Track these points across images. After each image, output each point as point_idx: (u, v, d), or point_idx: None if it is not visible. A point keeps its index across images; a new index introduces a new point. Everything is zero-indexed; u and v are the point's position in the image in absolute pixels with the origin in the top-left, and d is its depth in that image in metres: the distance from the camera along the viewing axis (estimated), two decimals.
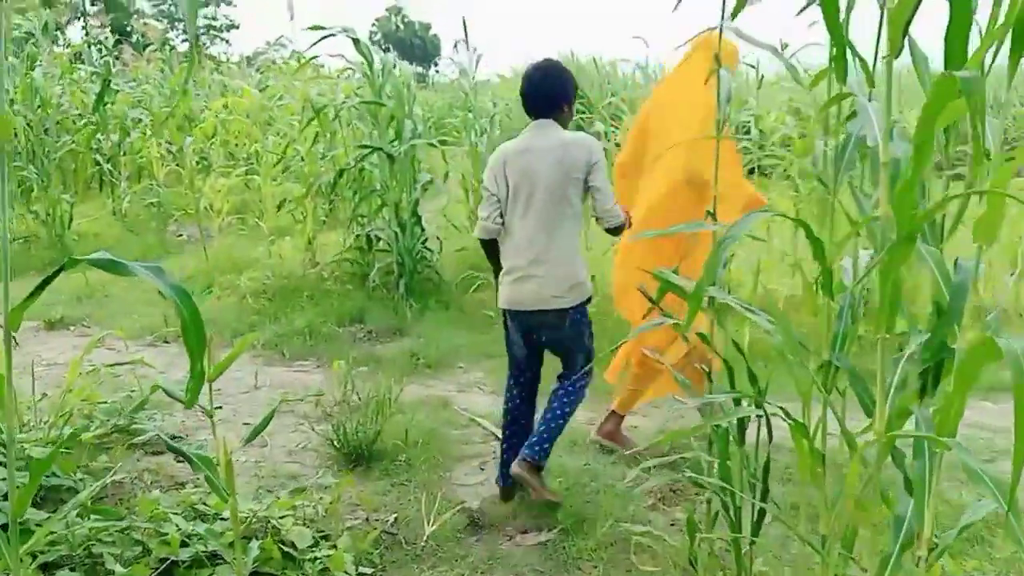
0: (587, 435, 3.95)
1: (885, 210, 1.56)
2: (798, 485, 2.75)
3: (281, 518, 2.73)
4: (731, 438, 2.20)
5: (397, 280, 6.17)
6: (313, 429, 3.86)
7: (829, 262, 1.87)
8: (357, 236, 6.56)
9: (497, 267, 3.24)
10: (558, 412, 3.20)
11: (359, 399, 4.26)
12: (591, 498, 3.31)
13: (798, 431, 1.93)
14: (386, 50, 6.87)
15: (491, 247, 3.24)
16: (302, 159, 7.22)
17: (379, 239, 6.45)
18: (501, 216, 3.14)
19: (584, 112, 15.02)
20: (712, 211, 2.43)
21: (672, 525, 3.14)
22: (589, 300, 3.20)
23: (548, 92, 3.15)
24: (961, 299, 1.38)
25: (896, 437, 1.55)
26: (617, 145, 6.79)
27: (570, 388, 3.24)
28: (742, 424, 2.15)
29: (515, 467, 3.13)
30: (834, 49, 1.80)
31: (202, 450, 2.16)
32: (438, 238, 6.79)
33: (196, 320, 1.81)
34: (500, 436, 3.44)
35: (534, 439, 3.17)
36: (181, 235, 8.71)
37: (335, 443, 3.62)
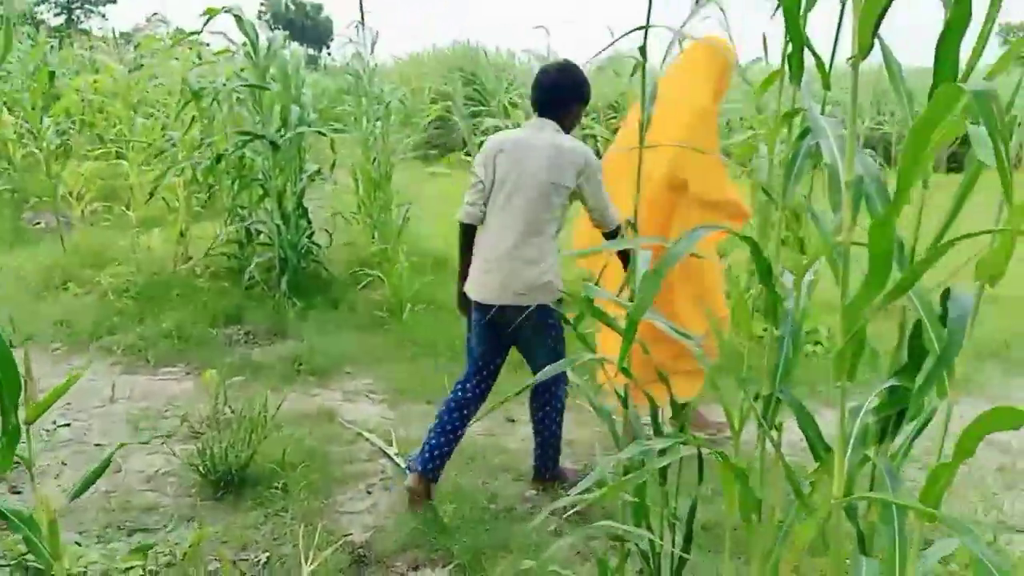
0: (484, 449, 3.66)
1: (848, 237, 1.32)
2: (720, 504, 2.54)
3: (127, 571, 2.32)
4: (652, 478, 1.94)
5: (279, 276, 5.70)
6: (174, 453, 3.40)
7: (776, 284, 1.64)
8: (236, 228, 6.04)
9: (466, 257, 3.17)
10: (545, 424, 3.27)
11: (232, 412, 3.83)
12: (490, 525, 3.01)
13: (730, 472, 1.69)
14: (274, 30, 6.33)
15: (468, 234, 3.16)
16: (174, 145, 6.62)
17: (260, 232, 5.96)
18: (485, 204, 3.10)
19: (481, 102, 14.72)
20: (633, 218, 2.16)
21: (578, 554, 2.88)
22: (559, 303, 3.08)
23: (556, 92, 3.13)
24: (956, 344, 1.15)
25: (858, 499, 1.31)
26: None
27: (546, 398, 3.24)
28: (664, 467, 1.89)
29: (533, 485, 3.34)
30: (790, 46, 1.57)
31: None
32: (326, 231, 6.35)
33: (8, 365, 1.46)
34: (439, 429, 3.17)
35: (538, 456, 3.32)
36: (39, 223, 7.91)
37: (200, 468, 3.20)
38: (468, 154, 5.68)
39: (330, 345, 4.92)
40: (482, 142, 5.98)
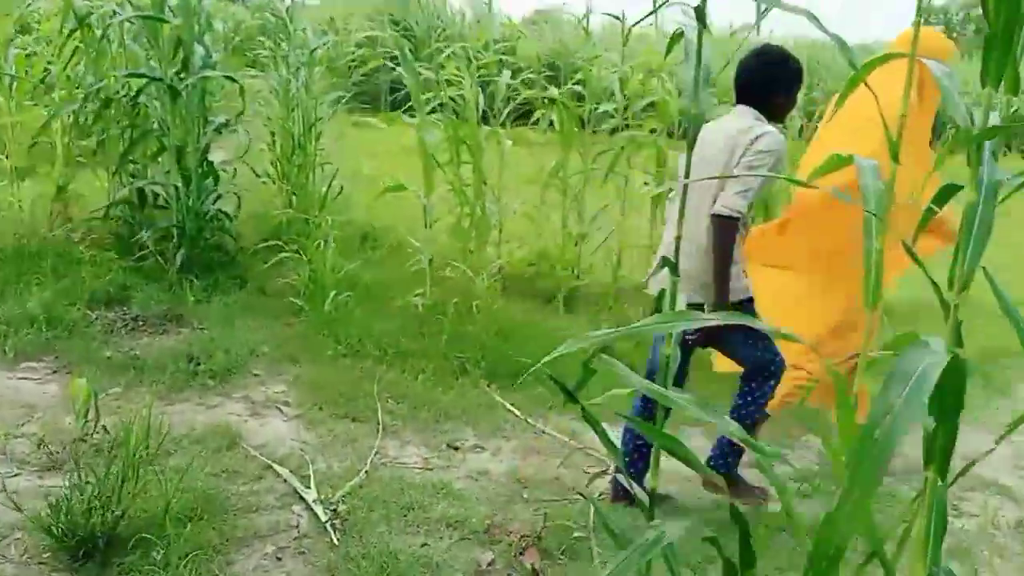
0: (421, 492, 2.99)
1: None
2: None
3: None
4: None
5: (176, 248, 4.84)
6: (19, 509, 2.60)
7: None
8: (127, 188, 5.12)
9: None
10: (742, 405, 2.97)
11: (106, 433, 3.07)
12: None
13: None
14: None
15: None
16: (50, 85, 5.61)
17: (156, 195, 5.07)
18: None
19: (411, 51, 13.69)
20: None
21: None
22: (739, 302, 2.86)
23: (751, 81, 2.95)
24: None
25: None
26: None
27: (757, 381, 2.95)
28: None
29: (704, 486, 3.03)
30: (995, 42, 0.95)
31: None
32: (236, 195, 5.47)
33: None
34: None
35: (714, 452, 3.06)
36: None
37: (53, 529, 2.43)
38: (413, 113, 4.83)
39: (235, 338, 4.13)
40: (429, 97, 5.21)
